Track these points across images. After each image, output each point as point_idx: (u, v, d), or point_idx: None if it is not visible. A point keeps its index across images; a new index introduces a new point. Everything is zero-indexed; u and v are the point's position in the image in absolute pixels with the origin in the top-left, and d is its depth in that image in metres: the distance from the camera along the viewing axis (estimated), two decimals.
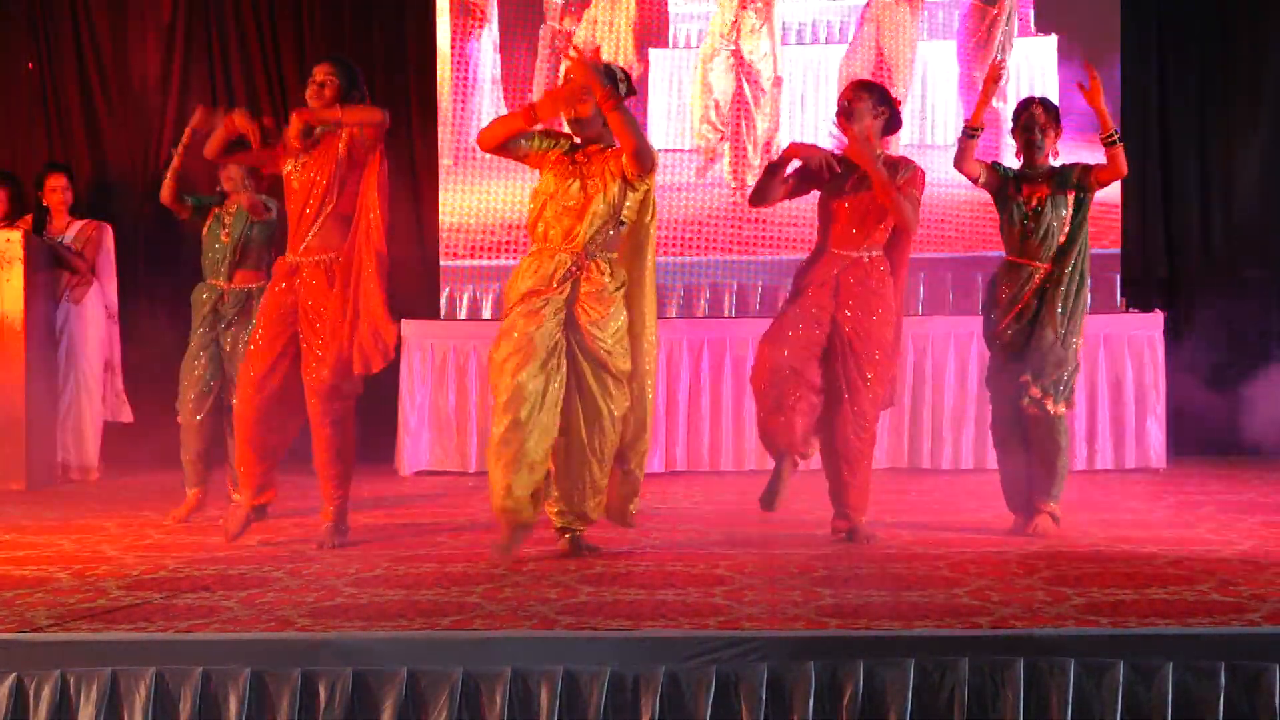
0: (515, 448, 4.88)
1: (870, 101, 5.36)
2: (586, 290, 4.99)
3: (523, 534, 5.01)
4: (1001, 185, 5.56)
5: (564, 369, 4.97)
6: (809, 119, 8.47)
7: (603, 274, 5.01)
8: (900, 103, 5.54)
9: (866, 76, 5.97)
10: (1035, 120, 5.56)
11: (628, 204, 5.02)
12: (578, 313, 4.99)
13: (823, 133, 8.40)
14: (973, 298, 8.10)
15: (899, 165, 5.35)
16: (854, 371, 5.31)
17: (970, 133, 5.48)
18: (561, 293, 4.99)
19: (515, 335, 4.95)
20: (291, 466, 5.87)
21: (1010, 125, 5.68)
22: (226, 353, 6.14)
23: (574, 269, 4.99)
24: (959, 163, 5.49)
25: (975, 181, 5.57)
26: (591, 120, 5.06)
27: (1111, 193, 8.24)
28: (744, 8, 8.41)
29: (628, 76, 5.20)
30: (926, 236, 7.94)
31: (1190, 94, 8.54)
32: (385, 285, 5.29)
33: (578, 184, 5.00)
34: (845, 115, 5.36)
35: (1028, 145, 5.58)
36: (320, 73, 5.31)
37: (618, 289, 5.03)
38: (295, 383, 5.32)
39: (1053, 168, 5.59)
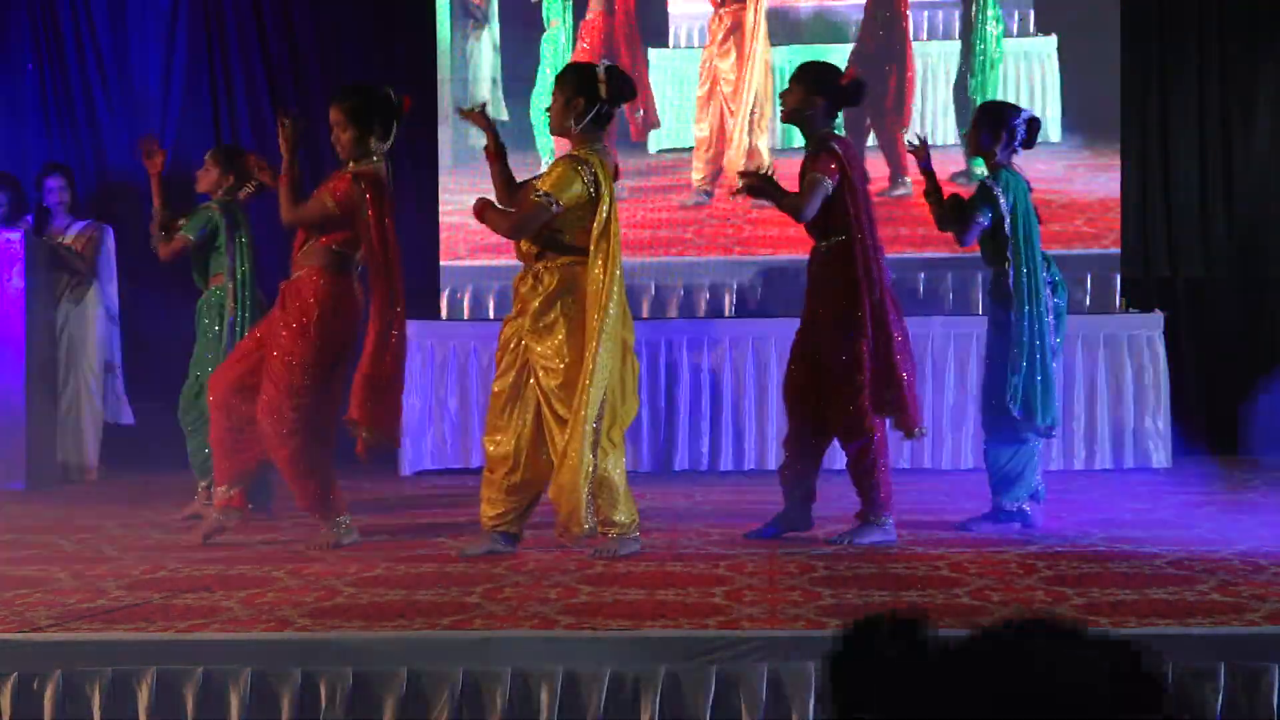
0: (488, 467, 5.16)
1: (799, 94, 5.30)
2: (524, 295, 5.05)
3: (484, 544, 5.10)
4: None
5: (527, 391, 5.06)
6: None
7: (537, 280, 5.02)
8: (850, 73, 5.42)
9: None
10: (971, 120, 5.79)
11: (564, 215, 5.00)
12: (525, 323, 5.04)
13: None
14: (973, 298, 8.10)
15: (819, 151, 5.28)
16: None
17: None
18: (517, 307, 5.09)
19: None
20: None
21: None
22: None
23: (520, 281, 5.09)
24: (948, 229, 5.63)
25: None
26: (553, 120, 5.12)
27: (1112, 192, 8.25)
28: (724, 17, 8.42)
29: (615, 76, 5.13)
30: (926, 236, 7.93)
31: (1190, 93, 8.54)
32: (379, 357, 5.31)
33: None
34: (785, 117, 5.43)
35: None
36: (331, 117, 5.31)
37: (552, 296, 4.98)
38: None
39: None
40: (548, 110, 5.19)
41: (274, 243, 6.45)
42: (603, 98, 5.03)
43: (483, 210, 5.11)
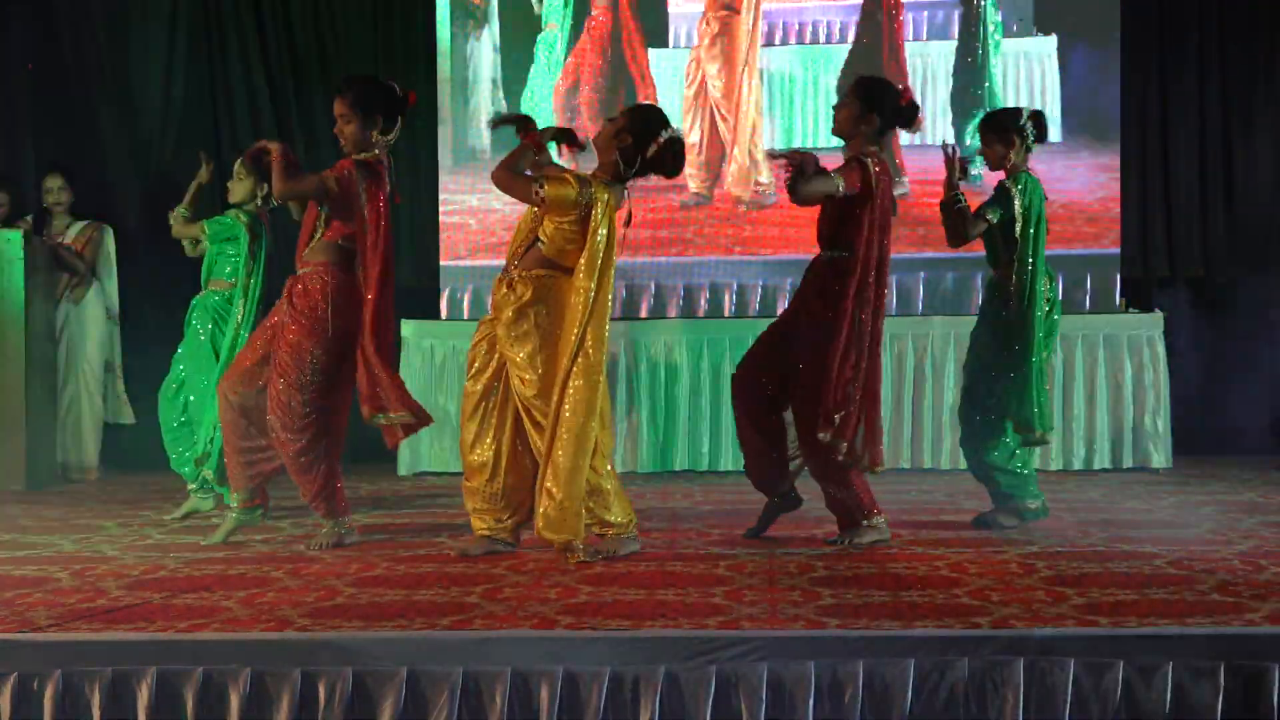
0: (466, 476, 5.16)
1: (856, 110, 5.20)
2: (497, 302, 5.04)
3: (483, 545, 5.10)
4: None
5: (503, 393, 5.05)
6: (806, 119, 8.48)
7: (511, 288, 5.00)
8: (907, 94, 5.27)
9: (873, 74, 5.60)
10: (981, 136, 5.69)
11: (546, 227, 4.95)
12: (499, 331, 5.03)
13: (818, 131, 8.42)
14: (973, 297, 8.10)
15: (852, 160, 5.20)
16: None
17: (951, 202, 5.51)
18: (494, 311, 5.08)
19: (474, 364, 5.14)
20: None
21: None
22: None
23: (497, 285, 5.07)
24: (959, 240, 5.54)
25: (991, 223, 5.49)
26: (598, 142, 5.08)
27: (1112, 192, 8.26)
28: (712, 21, 8.44)
29: (670, 148, 5.02)
30: (926, 236, 7.94)
31: (1190, 93, 8.55)
32: (376, 334, 5.27)
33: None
34: (836, 130, 5.32)
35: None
36: (336, 109, 5.30)
37: (525, 306, 4.95)
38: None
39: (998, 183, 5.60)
40: (610, 121, 5.13)
41: (278, 244, 6.45)
42: (646, 157, 5.00)
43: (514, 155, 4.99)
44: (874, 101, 5.21)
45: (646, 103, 5.12)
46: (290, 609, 4.15)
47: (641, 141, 4.99)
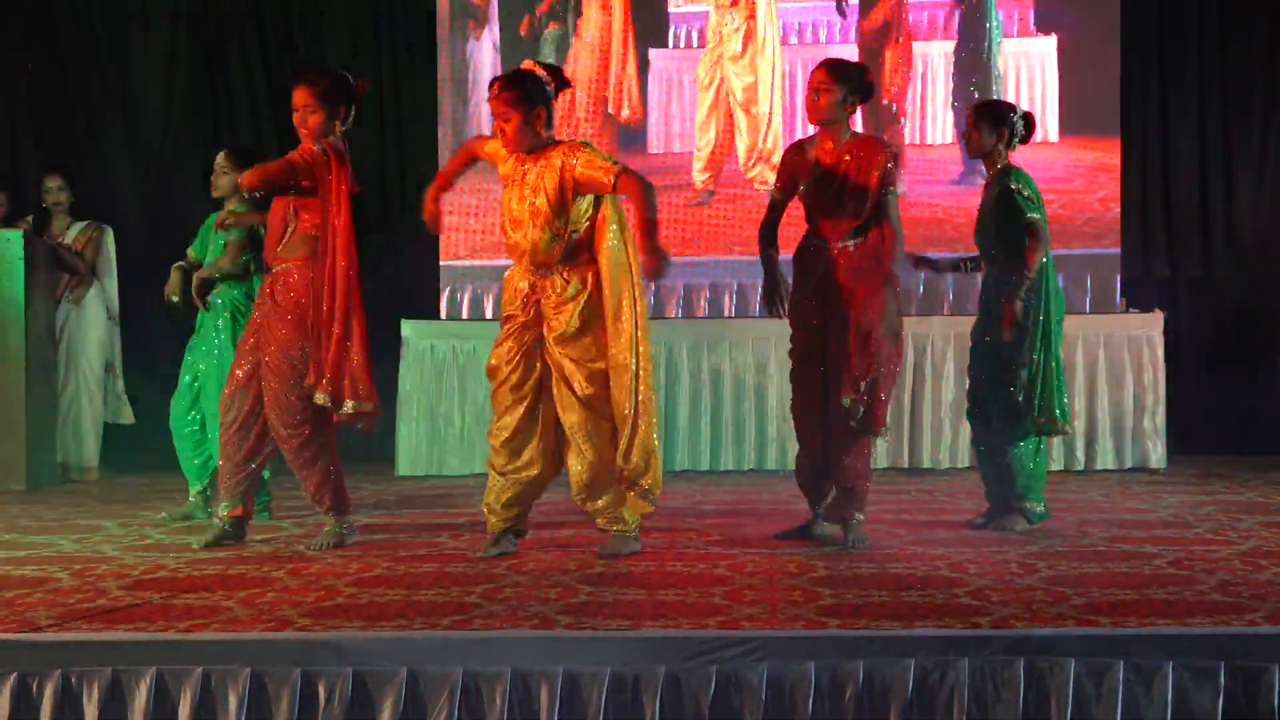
0: (492, 465, 5.12)
1: (839, 93, 5.22)
2: (546, 304, 5.01)
3: (498, 541, 5.10)
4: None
5: (544, 387, 5.03)
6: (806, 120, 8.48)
7: (566, 284, 4.99)
8: (869, 73, 5.37)
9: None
10: (966, 121, 5.66)
11: (576, 210, 4.97)
12: (545, 329, 5.02)
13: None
14: (973, 297, 8.10)
15: (865, 148, 5.23)
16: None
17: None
18: (529, 314, 5.04)
19: (497, 361, 5.08)
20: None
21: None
22: None
23: (531, 289, 5.03)
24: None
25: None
26: (518, 139, 5.02)
27: (1112, 192, 8.26)
28: (734, 17, 8.45)
29: (549, 69, 5.11)
30: (925, 237, 7.93)
31: (1190, 93, 8.55)
32: (346, 319, 5.24)
33: (517, 195, 5.02)
34: (813, 116, 5.33)
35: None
36: (296, 99, 5.27)
37: (579, 294, 4.97)
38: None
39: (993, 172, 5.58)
40: (493, 137, 5.15)
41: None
42: (553, 94, 5.05)
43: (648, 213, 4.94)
44: (852, 84, 5.26)
45: (500, 78, 5.14)
46: (290, 609, 4.15)
47: (544, 96, 5.01)
